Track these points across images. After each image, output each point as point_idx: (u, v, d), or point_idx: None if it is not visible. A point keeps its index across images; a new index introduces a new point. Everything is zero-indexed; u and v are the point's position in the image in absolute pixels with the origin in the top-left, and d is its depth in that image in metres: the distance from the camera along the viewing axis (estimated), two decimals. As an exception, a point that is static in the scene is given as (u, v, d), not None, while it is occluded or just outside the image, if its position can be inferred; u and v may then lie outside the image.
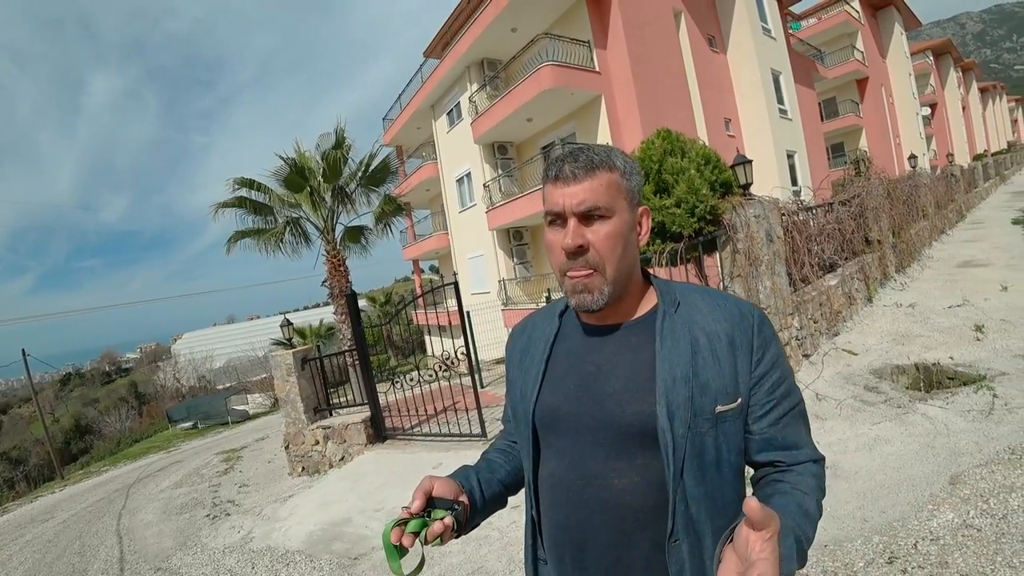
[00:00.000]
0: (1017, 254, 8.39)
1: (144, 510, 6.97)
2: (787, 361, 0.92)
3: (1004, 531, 2.39)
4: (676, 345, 0.87)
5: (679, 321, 0.90)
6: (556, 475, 0.94)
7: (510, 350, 1.11)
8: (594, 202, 0.85)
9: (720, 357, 0.87)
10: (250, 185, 9.48)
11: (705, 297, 0.94)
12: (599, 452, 0.88)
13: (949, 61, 35.55)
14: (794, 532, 0.75)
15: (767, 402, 0.88)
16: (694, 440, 0.83)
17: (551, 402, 0.95)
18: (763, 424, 0.87)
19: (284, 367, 6.66)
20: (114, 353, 75.26)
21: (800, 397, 0.92)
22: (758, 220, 4.90)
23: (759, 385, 0.88)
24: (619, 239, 0.87)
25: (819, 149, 18.69)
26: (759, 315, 0.92)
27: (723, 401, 0.85)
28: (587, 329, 0.98)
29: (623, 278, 0.89)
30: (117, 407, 32.12)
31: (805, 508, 0.81)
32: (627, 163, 0.91)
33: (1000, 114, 53.52)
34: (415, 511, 0.87)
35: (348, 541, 4.06)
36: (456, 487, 0.97)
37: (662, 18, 13.09)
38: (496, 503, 1.07)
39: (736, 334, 0.88)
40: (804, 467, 0.88)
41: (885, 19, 26.54)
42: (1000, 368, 4.20)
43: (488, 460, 1.13)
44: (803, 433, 0.90)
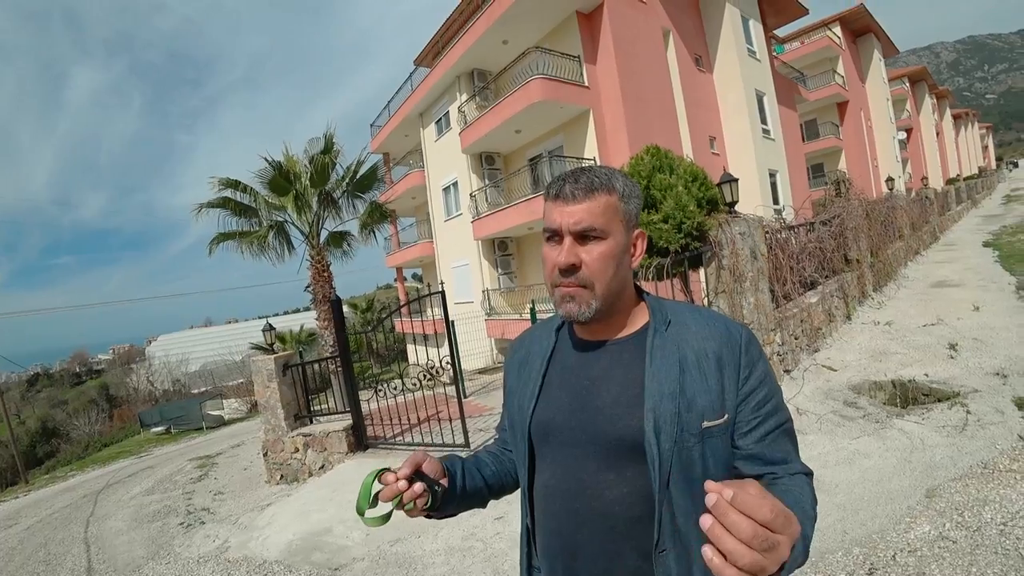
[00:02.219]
0: (988, 276, 8.66)
1: (114, 517, 6.78)
2: (775, 380, 0.94)
3: (978, 543, 2.45)
4: (665, 362, 0.90)
5: (669, 339, 0.93)
6: (550, 485, 0.97)
7: (509, 363, 1.14)
8: (590, 223, 0.88)
9: (708, 375, 0.89)
10: (235, 186, 9.36)
11: (695, 316, 0.97)
12: (591, 464, 0.91)
13: (924, 88, 36.78)
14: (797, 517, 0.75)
15: (753, 419, 0.90)
16: (680, 454, 0.85)
17: (546, 415, 0.98)
18: (749, 440, 0.90)
19: (265, 372, 6.57)
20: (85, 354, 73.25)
21: (788, 416, 0.94)
22: (743, 237, 4.99)
23: (745, 402, 0.90)
24: (612, 260, 0.90)
25: (800, 169, 19.12)
26: (747, 335, 0.94)
27: (710, 417, 0.87)
28: (581, 344, 1.00)
29: (612, 296, 0.92)
30: (87, 410, 31.18)
31: (803, 507, 0.82)
32: (627, 186, 0.94)
33: (972, 140, 55.48)
34: (402, 476, 0.90)
35: (328, 551, 3.99)
36: (441, 469, 0.99)
37: (651, 36, 13.33)
38: (474, 498, 1.08)
39: (724, 353, 0.91)
40: (795, 478, 0.89)
41: (865, 45, 27.41)
42: (973, 385, 4.32)
43: (477, 457, 1.16)
44: (790, 450, 0.92)
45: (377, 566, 3.56)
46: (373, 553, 3.75)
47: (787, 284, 5.96)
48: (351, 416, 6.29)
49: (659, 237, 4.69)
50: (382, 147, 21.62)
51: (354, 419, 6.24)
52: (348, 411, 6.39)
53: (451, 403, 5.97)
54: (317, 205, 9.71)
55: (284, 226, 9.84)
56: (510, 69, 13.30)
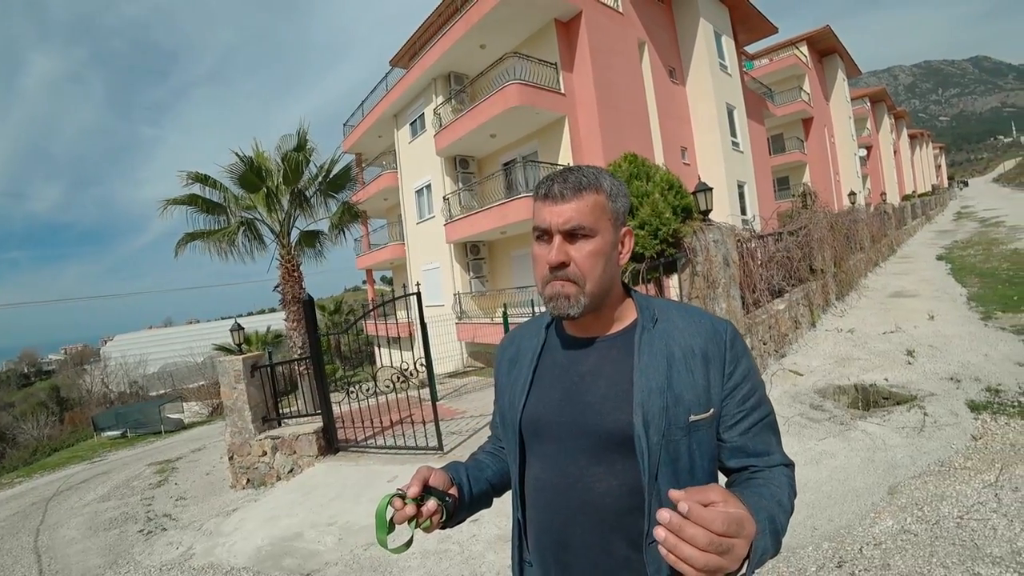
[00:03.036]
0: (941, 287, 9.09)
1: (66, 525, 6.45)
2: (758, 375, 0.98)
3: (937, 535, 2.59)
4: (653, 358, 0.92)
5: (657, 336, 0.95)
6: (541, 479, 0.98)
7: (499, 360, 1.16)
8: (579, 221, 0.90)
9: (694, 370, 0.91)
10: (204, 180, 9.11)
11: (682, 313, 0.99)
12: (581, 458, 0.93)
13: (884, 108, 38.53)
14: (768, 512, 0.78)
15: (738, 412, 0.92)
16: (668, 447, 0.87)
17: (537, 410, 0.99)
18: (734, 433, 0.92)
19: (232, 373, 6.38)
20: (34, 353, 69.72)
21: (770, 410, 0.97)
22: (717, 245, 5.12)
23: (731, 397, 0.92)
24: (600, 257, 0.92)
25: (767, 181, 19.72)
26: (732, 331, 0.97)
27: (696, 411, 0.89)
28: (571, 341, 1.02)
29: (601, 293, 0.94)
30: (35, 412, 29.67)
31: (778, 498, 0.84)
32: (615, 186, 0.96)
33: (926, 159, 58.26)
34: (412, 496, 0.92)
35: (300, 557, 3.90)
36: (448, 480, 1.01)
37: (627, 47, 13.59)
38: (482, 501, 1.11)
39: (710, 349, 0.93)
40: (776, 469, 0.92)
41: (830, 65, 28.56)
42: (929, 389, 4.54)
43: (476, 460, 1.18)
44: (773, 442, 0.95)
45: (351, 570, 3.49)
46: (347, 558, 3.68)
47: (757, 291, 6.13)
48: (322, 418, 6.17)
49: (635, 243, 4.77)
50: (355, 147, 21.38)
51: (325, 421, 6.12)
52: (318, 413, 6.26)
53: (424, 406, 5.92)
54: (289, 203, 9.54)
55: (254, 224, 9.62)
56: (487, 73, 13.36)
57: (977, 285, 8.73)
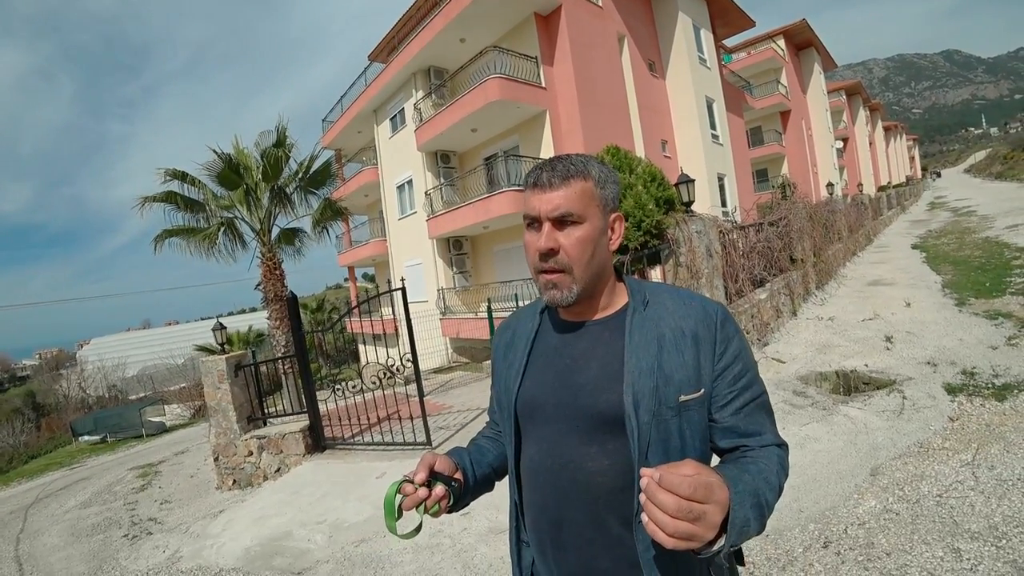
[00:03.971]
0: (917, 275, 9.31)
1: (47, 533, 6.31)
2: (750, 356, 0.98)
3: (918, 513, 2.67)
4: (644, 339, 0.94)
5: (648, 318, 0.96)
6: (535, 460, 1.00)
7: (496, 345, 1.18)
8: (567, 208, 0.92)
9: (684, 351, 0.93)
10: (182, 178, 8.92)
11: (673, 296, 1.01)
12: (573, 438, 0.95)
13: (859, 101, 39.22)
14: (749, 485, 0.79)
15: (728, 392, 0.93)
16: (659, 427, 0.89)
17: (531, 393, 1.01)
18: (725, 413, 0.93)
19: (216, 373, 6.29)
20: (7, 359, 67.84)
21: (762, 390, 0.97)
22: (699, 236, 5.18)
23: (721, 377, 0.93)
24: (589, 243, 0.93)
25: (746, 173, 19.97)
26: (723, 313, 0.98)
27: (686, 391, 0.91)
28: (564, 325, 1.04)
29: (592, 278, 0.96)
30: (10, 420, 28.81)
31: (765, 475, 0.85)
32: (603, 172, 0.97)
33: (900, 151, 59.50)
34: (419, 482, 0.94)
35: (290, 556, 3.87)
36: (452, 465, 1.04)
37: (607, 41, 13.61)
38: (485, 484, 1.15)
39: (700, 330, 0.94)
40: (768, 449, 0.93)
41: (806, 58, 28.98)
42: (907, 373, 4.66)
43: (477, 445, 1.21)
44: (766, 422, 0.96)
45: (343, 568, 3.48)
46: (338, 555, 3.66)
47: (739, 281, 6.22)
48: (308, 416, 6.11)
49: (620, 234, 4.81)
50: (334, 143, 21.11)
51: (311, 419, 6.07)
52: (304, 411, 6.21)
53: (411, 402, 5.91)
54: (269, 201, 9.39)
55: (234, 223, 9.46)
56: (467, 67, 13.28)
57: (951, 273, 8.95)
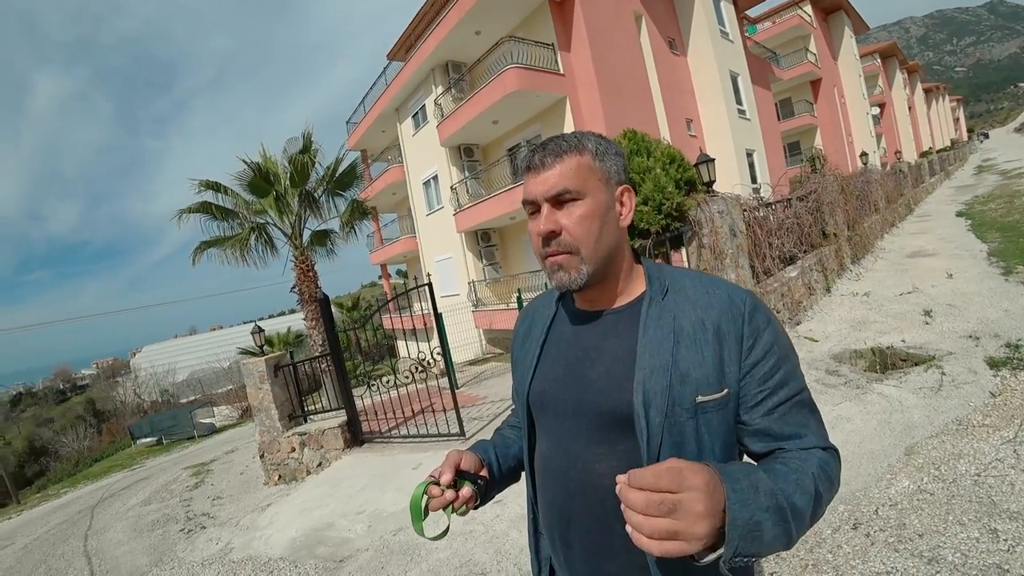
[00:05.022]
0: (961, 244, 8.90)
1: (112, 529, 6.73)
2: (787, 348, 0.88)
3: (954, 493, 2.60)
4: (659, 333, 0.86)
5: (666, 309, 0.89)
6: (546, 455, 0.98)
7: (516, 332, 1.14)
8: (563, 185, 0.86)
9: (704, 346, 0.85)
10: (215, 188, 9.28)
11: (696, 283, 0.92)
12: (582, 437, 0.91)
13: (895, 63, 37.37)
14: (769, 487, 0.69)
15: (759, 392, 0.84)
16: (672, 429, 0.82)
17: (542, 385, 0.98)
18: (756, 414, 0.84)
19: (257, 375, 6.55)
20: (68, 370, 71.95)
21: (802, 386, 0.87)
22: (722, 216, 5.10)
23: (750, 375, 0.84)
24: (594, 219, 0.87)
25: (776, 148, 19.38)
26: (751, 302, 0.88)
27: (705, 391, 0.83)
28: (578, 314, 0.99)
29: (603, 258, 0.89)
30: (74, 426, 30.73)
31: (795, 477, 0.75)
32: (600, 144, 0.91)
33: (943, 113, 56.56)
34: (446, 483, 0.93)
35: (332, 545, 4.05)
36: (478, 461, 1.03)
37: (624, 21, 13.38)
38: (511, 476, 1.13)
39: (723, 322, 0.86)
40: (808, 451, 0.82)
41: (835, 23, 27.76)
42: (947, 348, 4.49)
43: (503, 436, 1.19)
44: (808, 422, 0.85)
45: (381, 555, 3.62)
46: (377, 543, 3.81)
47: (766, 260, 6.09)
48: (345, 412, 6.32)
49: (640, 219, 4.78)
50: (359, 144, 21.46)
51: (348, 415, 6.27)
52: (342, 408, 6.41)
53: (444, 395, 6.03)
54: (298, 205, 9.66)
55: (266, 228, 9.77)
56: (485, 60, 13.28)
57: (998, 240, 8.52)
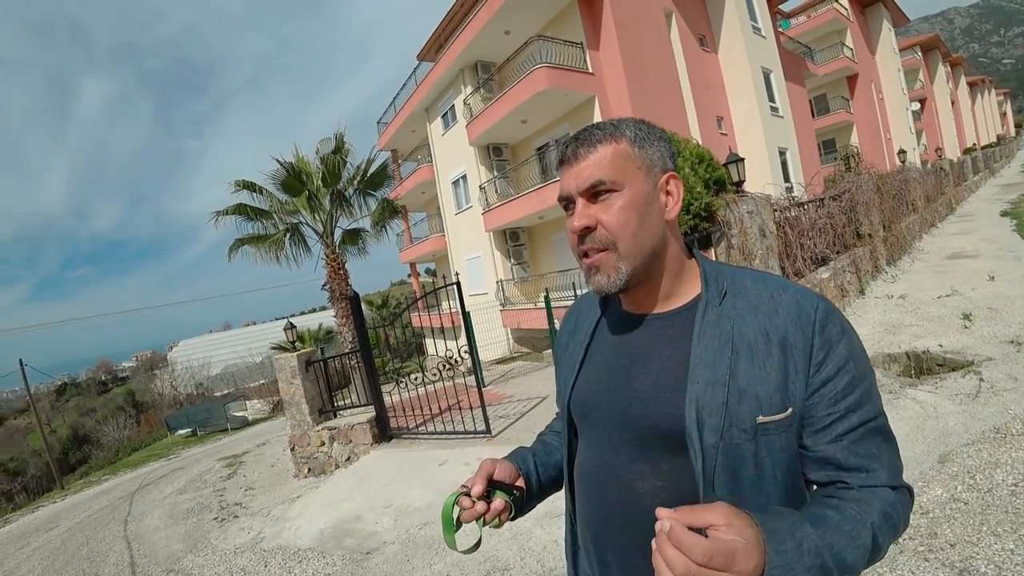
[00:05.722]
0: (1004, 245, 8.56)
1: (150, 516, 7.01)
2: (864, 365, 0.77)
3: (989, 503, 2.53)
4: (716, 343, 0.77)
5: (724, 315, 0.79)
6: (584, 467, 0.91)
7: (560, 333, 1.08)
8: (597, 177, 0.80)
9: (767, 359, 0.75)
10: (251, 188, 9.57)
11: (759, 286, 0.82)
12: (623, 451, 0.83)
13: (937, 56, 35.94)
14: (816, 546, 0.63)
15: (828, 415, 0.74)
16: (727, 451, 0.73)
17: (584, 392, 0.91)
18: (821, 440, 0.75)
19: (288, 370, 6.75)
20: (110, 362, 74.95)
21: (878, 410, 0.76)
22: (751, 216, 5.03)
23: (819, 394, 0.74)
24: (631, 211, 0.79)
25: (811, 145, 18.89)
26: (824, 310, 0.77)
27: (767, 411, 0.73)
28: (625, 317, 0.91)
29: (645, 255, 0.81)
30: (115, 416, 32.02)
31: (849, 530, 0.67)
32: (640, 130, 0.83)
33: (989, 108, 54.11)
34: (477, 495, 0.88)
35: (359, 537, 4.15)
36: (514, 471, 0.96)
37: (653, 19, 13.24)
38: (553, 485, 1.05)
39: (791, 332, 0.76)
40: (873, 491, 0.72)
41: (873, 16, 26.85)
42: (987, 354, 4.35)
43: (544, 443, 1.11)
44: (879, 454, 0.75)
45: (408, 548, 3.70)
46: (403, 537, 3.90)
47: (797, 261, 5.98)
48: (374, 408, 6.45)
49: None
50: (390, 144, 21.76)
51: (377, 411, 6.40)
52: (371, 404, 6.55)
53: (471, 392, 6.10)
54: (330, 204, 9.88)
55: (299, 228, 10.03)
56: (513, 59, 13.30)
57: (1045, 241, 8.19)
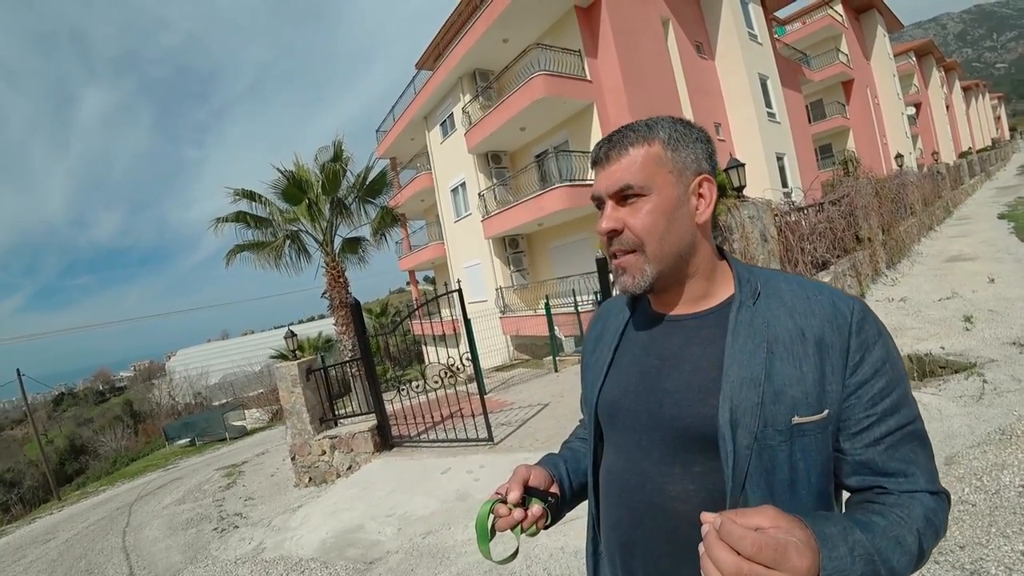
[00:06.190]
0: (1003, 247, 8.59)
1: (149, 527, 6.95)
2: (900, 369, 0.77)
3: (997, 504, 2.52)
4: (750, 342, 0.77)
5: (758, 315, 0.79)
6: (612, 471, 0.90)
7: (587, 336, 1.08)
8: (626, 180, 0.80)
9: (803, 359, 0.74)
10: (250, 196, 9.56)
11: (793, 287, 0.82)
12: (654, 453, 0.82)
13: (932, 61, 36.28)
14: (867, 551, 0.62)
15: (866, 417, 0.73)
16: (761, 453, 0.73)
17: (613, 395, 0.90)
18: (859, 443, 0.74)
19: (289, 378, 6.72)
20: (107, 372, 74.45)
21: (915, 414, 0.76)
22: (752, 221, 5.04)
23: (856, 396, 0.74)
24: (660, 215, 0.80)
25: (808, 151, 18.98)
26: (860, 311, 0.77)
27: (803, 412, 0.73)
28: (655, 319, 0.90)
29: (672, 257, 0.82)
30: (112, 426, 31.81)
31: (895, 534, 0.66)
32: (676, 132, 0.83)
33: (983, 112, 54.53)
34: (513, 502, 0.86)
35: (362, 547, 4.12)
36: (548, 477, 0.96)
37: (651, 26, 13.34)
38: (583, 493, 1.03)
39: (827, 333, 0.75)
40: (913, 496, 0.72)
41: (868, 22, 27.11)
42: (989, 355, 4.36)
43: (572, 450, 1.11)
44: (917, 458, 0.74)
45: (411, 558, 3.68)
46: (406, 546, 3.87)
47: (798, 265, 5.99)
48: (375, 416, 6.42)
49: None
50: (389, 152, 21.83)
51: (378, 419, 6.38)
52: (372, 412, 6.52)
53: (473, 400, 6.07)
54: (330, 212, 9.88)
55: (299, 235, 10.03)
56: (512, 67, 13.38)
57: (1043, 243, 8.22)
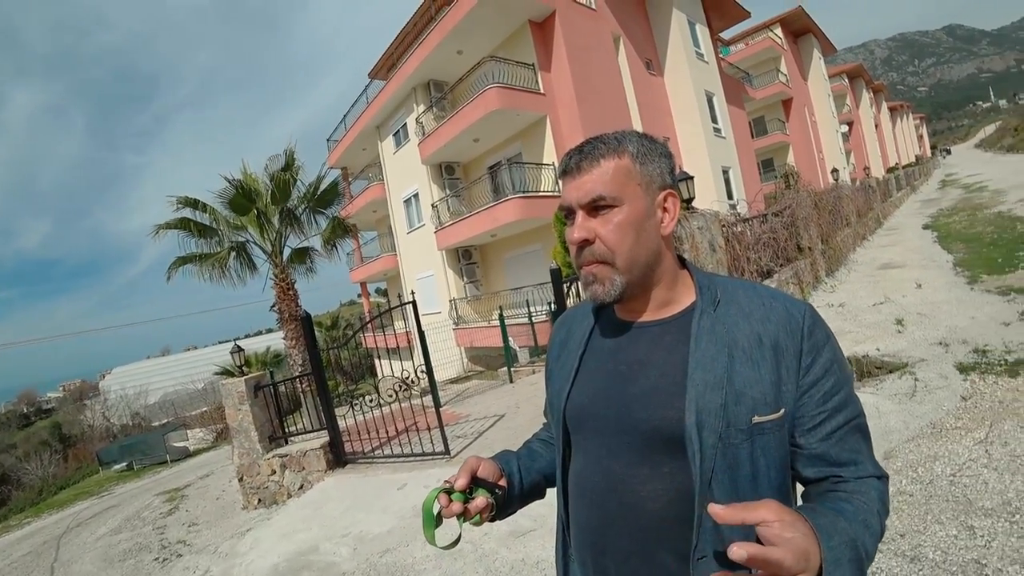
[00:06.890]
0: (928, 255, 9.23)
1: (81, 560, 6.47)
2: (845, 369, 0.83)
3: (932, 494, 2.69)
4: (712, 347, 0.81)
5: (719, 321, 0.83)
6: (582, 475, 0.92)
7: (551, 343, 1.08)
8: (598, 192, 0.82)
9: (761, 362, 0.79)
10: (194, 205, 9.17)
11: (751, 294, 0.86)
12: (623, 456, 0.85)
13: (862, 83, 39.00)
14: (848, 535, 0.67)
15: (818, 414, 0.79)
16: (726, 452, 0.77)
17: (580, 400, 0.92)
18: (813, 438, 0.79)
19: (236, 395, 6.42)
20: (34, 393, 69.16)
21: (859, 410, 0.82)
22: (701, 231, 5.22)
23: (808, 395, 0.79)
24: (629, 228, 0.83)
25: (751, 165, 19.88)
26: (811, 316, 0.83)
27: (762, 411, 0.77)
28: (620, 326, 0.93)
29: (640, 268, 0.85)
30: (38, 452, 29.48)
31: (863, 518, 0.72)
32: (644, 146, 0.86)
33: (908, 131, 58.89)
34: (460, 488, 0.88)
35: (317, 570, 3.95)
36: (497, 471, 0.97)
37: (602, 42, 13.71)
38: (534, 493, 1.06)
39: (782, 337, 0.80)
40: (865, 481, 0.78)
41: (805, 45, 28.89)
42: (919, 355, 4.65)
43: (530, 449, 1.12)
44: (863, 448, 0.81)
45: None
46: (363, 566, 3.74)
47: (745, 274, 6.23)
48: (328, 433, 6.21)
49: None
50: (340, 161, 21.43)
51: (331, 435, 6.17)
52: (324, 428, 6.31)
53: (428, 413, 5.97)
54: (279, 223, 9.59)
55: (245, 246, 9.67)
56: (466, 79, 13.44)
57: (963, 251, 8.87)
